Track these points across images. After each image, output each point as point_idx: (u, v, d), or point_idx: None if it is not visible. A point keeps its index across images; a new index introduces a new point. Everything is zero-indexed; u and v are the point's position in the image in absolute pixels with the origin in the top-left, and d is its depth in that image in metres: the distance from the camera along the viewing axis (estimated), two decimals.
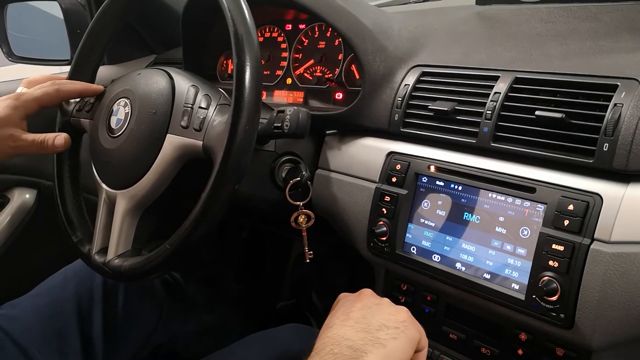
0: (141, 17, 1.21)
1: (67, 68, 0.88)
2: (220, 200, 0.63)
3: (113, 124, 0.74)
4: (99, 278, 0.83)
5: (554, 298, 0.56)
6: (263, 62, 0.99)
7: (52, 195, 0.83)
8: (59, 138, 0.78)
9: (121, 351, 0.83)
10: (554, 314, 0.57)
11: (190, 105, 0.70)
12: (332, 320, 0.54)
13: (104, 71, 1.23)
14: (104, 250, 0.75)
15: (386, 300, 0.57)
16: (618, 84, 0.57)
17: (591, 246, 0.54)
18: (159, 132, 0.70)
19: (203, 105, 0.69)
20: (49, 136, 0.77)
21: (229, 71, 1.06)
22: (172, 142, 0.69)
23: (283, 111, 0.71)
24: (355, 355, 0.47)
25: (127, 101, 0.74)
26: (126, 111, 0.73)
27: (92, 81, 0.85)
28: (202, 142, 0.67)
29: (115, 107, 0.75)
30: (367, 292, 0.59)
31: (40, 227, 1.23)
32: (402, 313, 0.54)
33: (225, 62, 1.07)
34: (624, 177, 0.55)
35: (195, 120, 0.68)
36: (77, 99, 0.84)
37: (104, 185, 0.75)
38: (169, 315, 0.91)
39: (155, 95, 0.72)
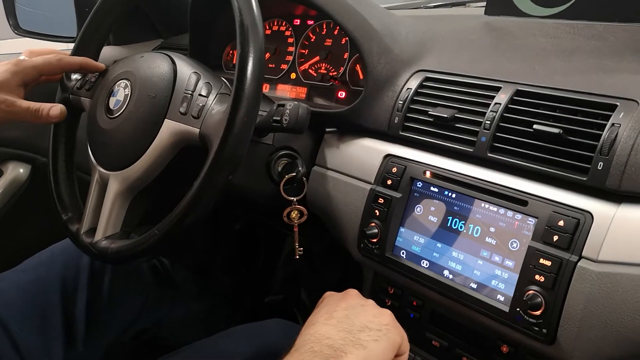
0: (151, 0, 1.20)
1: (73, 45, 0.87)
2: (212, 189, 0.63)
3: (112, 105, 0.74)
4: (86, 258, 0.83)
5: (538, 312, 0.56)
6: (269, 55, 0.99)
7: (46, 171, 0.83)
8: (55, 109, 0.77)
9: (103, 333, 0.83)
10: (537, 329, 0.57)
11: (190, 92, 0.70)
12: (315, 318, 0.54)
13: (109, 51, 1.23)
14: (92, 230, 0.75)
15: (371, 302, 0.57)
16: (617, 104, 0.57)
17: (578, 263, 0.54)
18: (157, 116, 0.70)
19: (203, 93, 0.69)
20: (44, 105, 0.77)
21: (234, 61, 1.06)
22: (169, 128, 0.69)
23: (283, 105, 0.71)
24: (334, 354, 0.48)
25: (128, 83, 0.74)
26: (126, 93, 0.73)
27: (96, 60, 0.85)
28: (199, 130, 0.67)
29: (115, 88, 0.75)
30: (352, 293, 0.59)
31: (31, 203, 1.23)
32: (386, 316, 0.54)
33: (231, 51, 1.07)
34: (616, 197, 0.55)
35: (194, 108, 0.68)
36: (78, 77, 0.84)
37: (97, 166, 0.75)
38: (154, 300, 0.91)
39: (156, 79, 0.71)
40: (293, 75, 0.96)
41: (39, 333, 0.76)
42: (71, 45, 0.86)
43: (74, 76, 0.84)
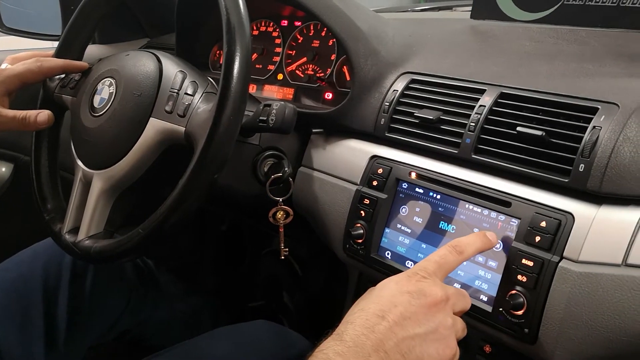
0: None
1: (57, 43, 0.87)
2: (197, 189, 0.62)
3: (96, 103, 0.73)
4: (68, 258, 0.82)
5: (520, 312, 0.57)
6: (256, 56, 0.99)
7: (29, 170, 0.82)
8: (42, 115, 0.77)
9: (85, 333, 0.83)
10: (519, 328, 0.57)
11: (176, 91, 0.69)
12: (389, 310, 0.48)
13: (94, 50, 1.22)
14: (75, 230, 0.74)
15: (448, 325, 0.50)
16: (598, 107, 0.57)
17: (559, 264, 0.55)
18: (142, 114, 0.69)
19: (189, 92, 0.69)
20: (30, 113, 0.76)
21: (221, 61, 1.06)
22: (154, 126, 0.69)
23: (270, 105, 0.71)
24: None
25: (113, 81, 0.73)
26: (110, 91, 0.72)
27: (80, 59, 0.84)
28: (184, 129, 0.66)
29: (99, 86, 0.74)
30: (441, 300, 0.50)
31: (13, 202, 1.21)
32: (448, 353, 0.49)
33: (218, 52, 1.07)
34: (597, 198, 0.55)
35: (180, 106, 0.68)
36: (62, 76, 0.83)
37: (81, 164, 0.74)
38: (137, 301, 0.90)
39: (141, 77, 0.71)
40: (280, 76, 0.97)
41: (19, 332, 0.75)
42: (56, 44, 0.86)
43: (57, 75, 0.83)
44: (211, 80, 0.74)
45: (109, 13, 0.85)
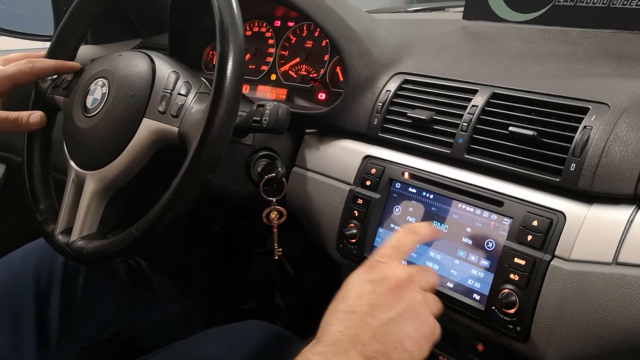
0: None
1: (49, 44, 0.86)
2: (191, 189, 0.62)
3: (89, 104, 0.73)
4: (60, 258, 0.82)
5: (512, 311, 0.57)
6: (249, 56, 0.99)
7: (21, 171, 0.82)
8: (34, 116, 0.76)
9: (77, 334, 0.82)
10: (511, 327, 0.58)
11: (169, 91, 0.69)
12: (356, 303, 0.49)
13: (86, 50, 1.21)
14: (68, 230, 0.73)
15: (418, 301, 0.51)
16: (589, 107, 0.58)
17: (551, 262, 0.55)
18: (135, 115, 0.69)
19: (182, 92, 0.69)
20: (23, 114, 0.76)
21: (214, 62, 1.06)
22: (147, 127, 0.69)
23: (263, 105, 0.71)
24: None
25: (105, 81, 0.73)
26: (103, 91, 0.72)
27: (72, 60, 0.84)
28: (178, 129, 0.66)
29: (92, 87, 0.74)
30: (405, 279, 0.51)
31: (6, 203, 1.20)
32: (426, 329, 0.50)
33: (211, 52, 1.07)
34: (588, 197, 0.56)
35: (173, 107, 0.68)
36: (54, 76, 0.82)
37: (74, 165, 0.74)
38: (130, 302, 0.90)
39: (134, 77, 0.71)
40: (273, 77, 0.97)
41: (11, 333, 0.75)
42: (47, 44, 0.85)
43: (49, 76, 0.83)
44: (204, 80, 0.74)
45: (101, 13, 0.85)
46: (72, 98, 0.77)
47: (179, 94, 0.69)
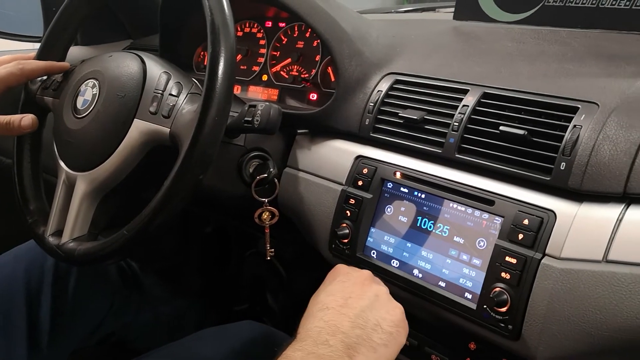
0: (120, 0, 1.19)
1: (39, 45, 0.86)
2: (183, 190, 0.62)
3: (79, 105, 0.73)
4: (50, 260, 0.82)
5: (504, 309, 0.58)
6: (241, 57, 0.99)
7: (10, 173, 0.81)
8: (26, 119, 0.76)
9: (69, 336, 0.82)
10: (503, 325, 0.58)
11: (160, 92, 0.69)
12: (329, 300, 0.53)
13: (76, 52, 1.21)
14: (58, 232, 0.73)
15: (384, 291, 0.58)
16: (579, 106, 0.59)
17: (542, 261, 0.56)
18: (126, 116, 0.69)
19: (174, 93, 0.69)
20: (14, 118, 0.76)
21: (205, 63, 1.05)
22: (138, 127, 0.68)
23: (255, 106, 0.71)
24: (348, 353, 0.48)
25: (96, 82, 0.72)
26: (94, 92, 0.72)
27: (62, 61, 0.84)
28: (169, 130, 0.66)
29: (82, 88, 0.74)
30: (368, 276, 0.59)
31: None
32: (397, 312, 0.56)
33: (202, 53, 1.07)
34: (578, 196, 0.56)
35: (165, 107, 0.67)
36: (44, 77, 0.82)
37: (64, 166, 0.73)
38: (121, 304, 0.90)
39: (125, 78, 0.71)
40: (265, 77, 0.97)
41: (1, 335, 0.75)
42: (37, 45, 0.85)
43: (39, 77, 0.82)
44: (195, 81, 0.74)
45: (91, 14, 0.84)
46: (62, 99, 0.77)
47: (171, 94, 0.69)
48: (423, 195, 0.68)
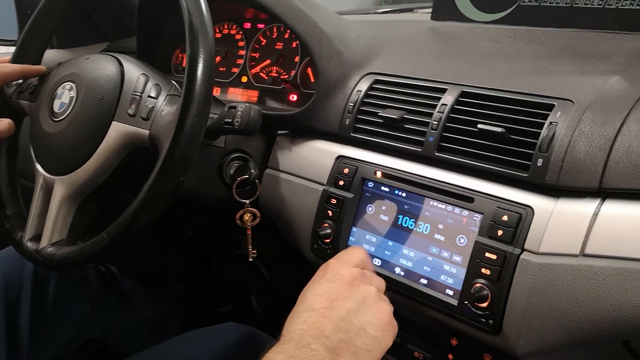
0: (96, 2, 1.17)
1: (14, 49, 0.84)
2: (163, 192, 0.62)
3: (56, 108, 0.72)
4: (29, 265, 0.80)
5: (485, 304, 0.58)
6: (220, 59, 0.98)
7: None
8: (2, 124, 0.75)
9: (49, 342, 0.81)
10: (484, 320, 0.59)
11: (139, 94, 0.68)
12: (314, 300, 0.52)
13: (52, 55, 1.19)
14: (37, 237, 0.72)
15: (372, 291, 0.55)
16: (555, 103, 0.60)
17: (521, 256, 0.57)
18: (105, 118, 0.68)
19: (152, 95, 0.68)
20: None
21: (184, 64, 1.05)
22: (117, 130, 0.68)
23: (235, 107, 0.71)
24: (331, 357, 0.47)
25: (73, 85, 0.72)
26: (71, 95, 0.71)
27: (38, 64, 0.82)
28: (148, 132, 0.66)
29: (59, 91, 0.73)
30: (357, 275, 0.55)
31: None
32: (384, 315, 0.54)
33: (180, 55, 1.06)
34: (555, 192, 0.57)
35: (143, 109, 0.67)
36: (19, 81, 0.81)
37: (42, 170, 0.72)
38: (102, 308, 0.89)
39: (102, 80, 0.70)
40: (244, 79, 0.96)
41: None
42: (12, 49, 0.83)
43: (14, 81, 0.81)
44: (174, 83, 0.73)
45: (67, 17, 0.83)
46: (38, 102, 0.75)
47: (149, 96, 0.68)
48: (404, 194, 0.68)
